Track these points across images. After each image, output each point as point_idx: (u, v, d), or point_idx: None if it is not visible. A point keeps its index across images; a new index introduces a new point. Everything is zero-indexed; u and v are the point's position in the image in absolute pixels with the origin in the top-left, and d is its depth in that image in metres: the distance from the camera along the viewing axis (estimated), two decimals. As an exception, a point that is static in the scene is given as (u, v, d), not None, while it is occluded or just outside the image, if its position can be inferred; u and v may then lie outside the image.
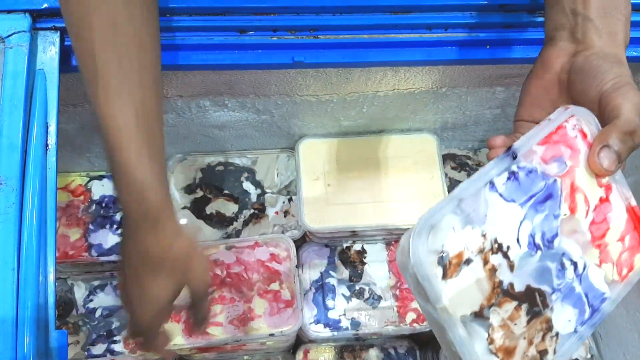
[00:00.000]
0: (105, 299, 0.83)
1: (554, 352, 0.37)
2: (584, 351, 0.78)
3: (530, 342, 0.37)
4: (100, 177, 0.83)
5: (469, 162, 0.87)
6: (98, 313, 0.82)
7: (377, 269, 0.82)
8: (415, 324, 0.79)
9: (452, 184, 0.85)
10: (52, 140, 0.49)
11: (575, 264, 0.39)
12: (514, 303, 0.36)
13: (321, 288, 0.80)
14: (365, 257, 0.82)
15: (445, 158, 0.86)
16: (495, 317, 0.36)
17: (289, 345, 0.86)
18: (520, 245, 0.37)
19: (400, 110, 0.74)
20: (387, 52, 0.57)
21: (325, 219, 0.75)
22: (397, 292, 0.81)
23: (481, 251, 0.36)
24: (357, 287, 0.81)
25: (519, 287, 0.36)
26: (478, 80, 0.68)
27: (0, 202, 0.45)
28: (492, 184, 0.37)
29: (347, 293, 0.80)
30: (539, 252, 0.37)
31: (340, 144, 0.79)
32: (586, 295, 0.39)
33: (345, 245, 0.83)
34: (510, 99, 0.74)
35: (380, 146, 0.79)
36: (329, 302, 0.79)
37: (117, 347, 0.80)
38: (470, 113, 0.77)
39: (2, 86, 0.48)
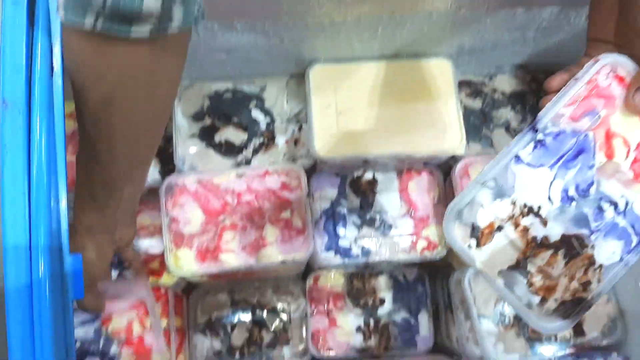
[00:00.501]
0: (116, 227, 0.83)
1: (599, 281, 0.41)
2: (595, 278, 0.78)
3: (572, 278, 0.41)
4: (106, 104, 0.81)
5: (485, 89, 0.85)
6: (109, 240, 0.82)
7: (388, 198, 0.81)
8: (425, 252, 0.79)
9: (467, 112, 0.83)
10: (57, 63, 0.47)
11: (615, 204, 0.41)
12: (550, 251, 0.40)
13: (332, 216, 0.80)
14: (376, 186, 0.82)
15: (461, 85, 0.84)
16: (532, 266, 0.41)
17: (299, 271, 0.87)
18: (552, 202, 0.41)
19: (416, 33, 0.71)
20: (405, -32, 0.54)
21: (336, 147, 0.74)
22: (409, 220, 0.80)
23: (511, 217, 0.41)
24: (367, 216, 0.80)
25: (554, 238, 0.40)
26: (499, 1, 0.64)
27: (6, 125, 0.44)
28: (517, 157, 0.40)
29: (358, 221, 0.80)
30: (574, 203, 0.41)
31: (353, 70, 0.76)
32: (632, 227, 0.41)
33: (356, 174, 0.82)
34: (530, 22, 0.71)
35: (394, 72, 0.77)
36: (340, 231, 0.79)
37: (129, 274, 0.80)
38: (489, 37, 0.74)
39: (3, 7, 0.46)
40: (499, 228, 0.41)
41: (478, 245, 0.41)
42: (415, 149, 0.74)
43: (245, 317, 0.87)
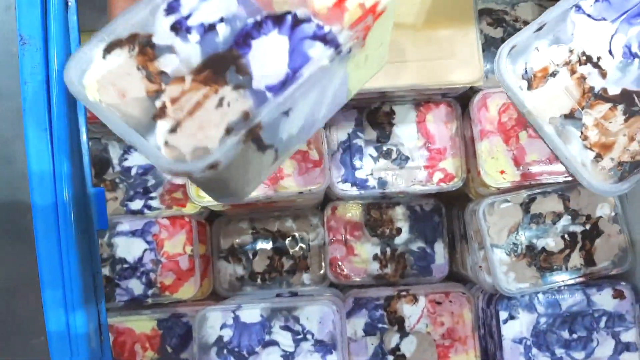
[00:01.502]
0: (139, 158, 0.85)
1: None
2: (609, 209, 0.78)
3: (632, 139, 0.39)
4: (125, 37, 0.81)
5: (507, 17, 0.82)
6: (134, 171, 0.85)
7: (405, 130, 0.82)
8: (442, 183, 0.80)
9: (487, 41, 0.81)
10: (71, -3, 0.48)
11: None
12: (608, 105, 0.39)
13: (349, 149, 0.81)
14: (393, 118, 0.82)
15: (481, 13, 0.82)
16: (588, 118, 0.39)
17: (317, 202, 0.89)
18: (613, 56, 0.38)
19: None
20: None
21: (354, 78, 0.74)
22: (425, 152, 0.81)
23: (567, 63, 0.39)
24: (384, 148, 0.81)
25: (613, 91, 0.39)
26: None
27: (25, 62, 0.45)
28: (578, 7, 0.38)
29: (375, 153, 0.81)
30: (637, 60, 0.39)
31: None
32: None
33: (373, 106, 0.82)
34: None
35: (412, 1, 0.75)
36: (357, 162, 0.80)
37: (154, 203, 0.83)
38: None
39: (13, -60, 0.46)
40: (554, 74, 0.39)
41: (529, 87, 0.39)
42: (432, 81, 0.73)
43: (266, 244, 0.90)
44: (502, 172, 0.78)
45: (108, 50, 0.38)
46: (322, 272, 0.89)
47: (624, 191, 0.39)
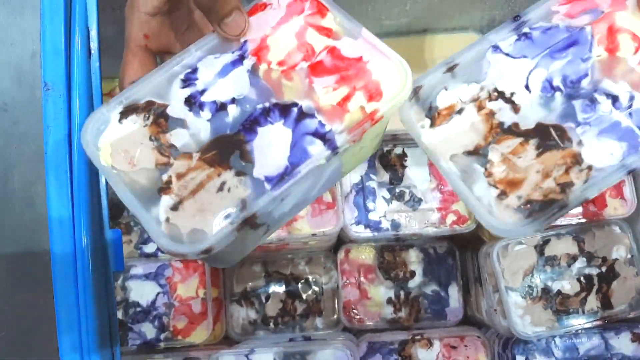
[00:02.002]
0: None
1: (584, 183, 0.35)
2: (624, 251, 0.78)
3: (547, 175, 0.35)
4: (142, 83, 0.83)
5: (516, 62, 0.84)
6: (148, 214, 0.85)
7: (417, 172, 0.82)
8: (455, 226, 0.80)
9: (497, 85, 0.82)
10: (94, 45, 0.50)
11: (615, 98, 0.36)
12: (518, 139, 0.36)
13: (362, 191, 0.81)
14: (405, 160, 0.83)
15: (491, 58, 0.83)
16: (494, 154, 0.36)
17: (331, 244, 0.88)
18: (530, 90, 0.37)
19: (445, 7, 0.71)
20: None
21: (366, 122, 0.75)
22: (438, 194, 0.81)
23: (475, 100, 0.37)
24: (397, 190, 0.81)
25: (525, 126, 0.36)
26: (529, -28, 0.64)
27: (49, 107, 0.46)
28: (495, 47, 0.37)
29: (388, 195, 0.81)
30: (559, 94, 0.37)
31: (382, 45, 0.77)
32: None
33: (385, 149, 0.83)
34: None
35: (423, 46, 0.77)
36: (370, 204, 0.81)
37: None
38: (519, 9, 0.73)
39: (41, -8, 0.48)
40: (460, 111, 0.37)
41: (432, 125, 0.37)
42: (444, 124, 0.74)
43: (279, 288, 0.90)
44: (515, 214, 0.77)
45: (125, 114, 0.39)
46: (335, 316, 0.89)
47: (530, 233, 0.35)
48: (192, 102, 0.39)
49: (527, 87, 0.36)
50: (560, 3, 0.37)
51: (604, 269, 0.77)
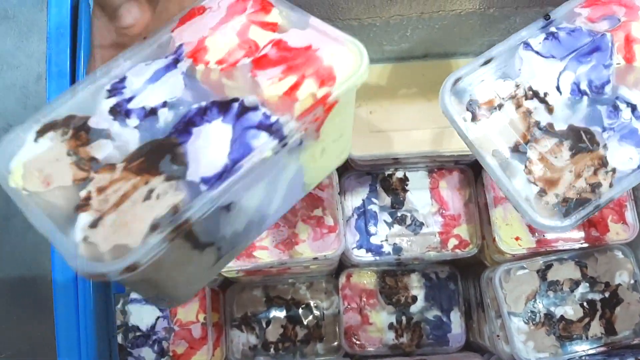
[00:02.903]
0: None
1: (610, 186, 0.38)
2: (627, 276, 0.77)
3: (579, 175, 0.38)
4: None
5: (516, 87, 0.84)
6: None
7: (419, 196, 0.82)
8: (457, 250, 0.80)
9: (497, 110, 0.83)
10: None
11: (634, 107, 0.38)
12: (554, 140, 0.38)
13: (363, 214, 0.81)
14: (407, 185, 0.83)
15: (491, 83, 0.84)
16: (533, 152, 0.38)
17: (332, 269, 0.88)
18: (561, 92, 0.38)
19: (445, 33, 0.72)
20: (432, -29, 0.55)
21: (367, 146, 0.75)
22: (439, 218, 0.81)
23: (513, 97, 0.38)
24: (398, 214, 0.81)
25: (559, 127, 0.38)
26: (528, -1, 0.65)
27: (53, 129, 0.47)
28: (526, 44, 0.38)
29: (389, 219, 0.81)
30: (585, 98, 0.38)
31: (383, 70, 0.78)
32: None
33: (387, 172, 0.83)
34: (562, 19, 0.70)
35: (424, 72, 0.78)
36: (371, 228, 0.81)
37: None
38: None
39: (48, 14, 0.48)
40: (499, 107, 0.38)
41: (473, 119, 0.38)
42: (445, 148, 0.75)
43: (280, 313, 0.89)
44: (517, 238, 0.77)
45: (41, 132, 0.35)
46: (336, 342, 0.88)
47: (568, 229, 0.37)
48: (117, 111, 0.35)
49: (558, 88, 0.38)
50: (582, 5, 0.39)
51: (607, 294, 0.76)
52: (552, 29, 0.38)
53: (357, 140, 0.75)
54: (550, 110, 0.38)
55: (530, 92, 0.38)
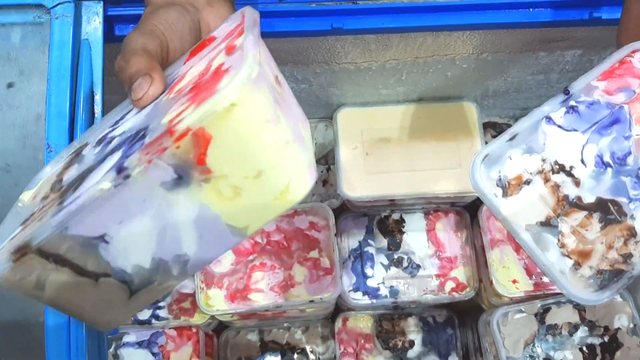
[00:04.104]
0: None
1: None
2: (627, 320, 0.76)
3: (610, 247, 0.38)
4: (142, 148, 0.84)
5: (510, 130, 0.85)
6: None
7: (415, 238, 0.82)
8: (454, 293, 0.79)
9: (492, 153, 0.84)
10: (98, 109, 0.51)
11: None
12: (583, 213, 0.38)
13: (360, 257, 0.81)
14: (403, 226, 0.83)
15: (486, 126, 0.85)
16: (564, 225, 0.38)
17: (328, 312, 0.87)
18: (586, 165, 0.39)
19: (439, 77, 0.73)
20: (427, 16, 0.57)
21: (364, 188, 0.75)
22: (436, 261, 0.81)
23: (541, 172, 0.39)
24: (395, 256, 0.81)
25: (588, 200, 0.39)
26: (520, 44, 0.66)
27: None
28: (549, 118, 0.39)
29: (386, 262, 0.81)
30: (610, 170, 0.39)
31: (379, 113, 0.79)
32: None
33: (383, 214, 0.83)
34: (554, 64, 0.72)
35: (419, 114, 0.79)
36: (368, 271, 0.80)
37: (162, 313, 0.82)
38: (512, 80, 0.75)
39: (49, 56, 0.49)
40: (528, 182, 0.39)
41: (504, 195, 0.39)
42: (441, 190, 0.75)
43: (275, 358, 0.87)
44: (514, 281, 0.77)
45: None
46: (332, 388, 0.86)
47: (605, 300, 0.38)
48: (101, 140, 0.36)
49: (582, 161, 0.39)
50: (598, 79, 0.40)
51: (606, 338, 0.76)
52: (572, 102, 0.39)
53: (354, 182, 0.75)
54: (577, 183, 0.39)
55: (557, 166, 0.39)
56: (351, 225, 0.82)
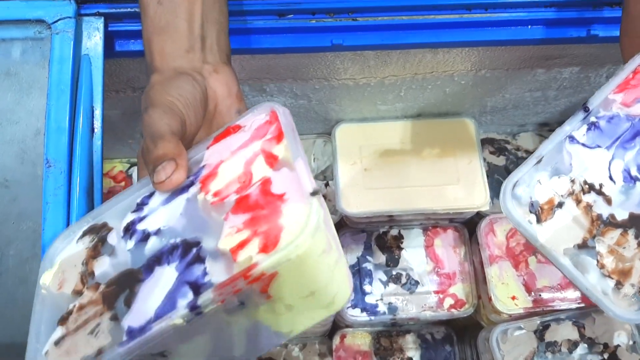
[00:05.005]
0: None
1: None
2: (626, 337, 0.76)
3: None
4: (140, 164, 0.84)
5: (508, 146, 0.86)
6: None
7: (414, 254, 0.82)
8: (453, 310, 0.79)
9: (491, 169, 0.84)
10: (97, 124, 0.51)
11: None
12: (618, 230, 0.38)
13: (358, 273, 0.80)
14: (402, 242, 0.82)
15: (484, 142, 0.85)
16: (601, 245, 0.38)
17: (326, 329, 0.86)
18: (615, 181, 0.38)
19: (438, 93, 0.73)
20: (426, 33, 0.57)
21: (362, 203, 0.75)
22: (435, 277, 0.80)
23: (571, 193, 0.38)
24: (394, 272, 0.81)
25: (621, 217, 0.38)
26: (518, 61, 0.66)
27: (49, 184, 0.46)
28: (571, 137, 0.39)
29: (384, 278, 0.80)
30: (638, 183, 0.39)
31: (377, 129, 0.79)
32: None
33: (382, 230, 0.83)
34: (552, 81, 0.72)
35: (417, 130, 0.79)
36: (366, 287, 0.80)
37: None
38: (510, 96, 0.76)
39: (49, 71, 0.49)
40: (560, 204, 0.38)
41: (538, 221, 0.38)
42: (440, 206, 0.75)
43: (272, 376, 0.87)
44: (513, 297, 0.77)
45: (85, 233, 0.38)
46: (329, 406, 0.85)
47: None
48: (128, 229, 0.37)
49: (611, 178, 0.39)
50: (615, 91, 0.40)
51: (606, 355, 0.75)
52: (592, 119, 0.39)
53: (352, 198, 0.75)
54: (608, 201, 0.38)
55: (587, 186, 0.39)
56: (349, 241, 0.82)
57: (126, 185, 0.83)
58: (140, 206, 0.38)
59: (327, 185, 0.82)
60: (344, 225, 0.82)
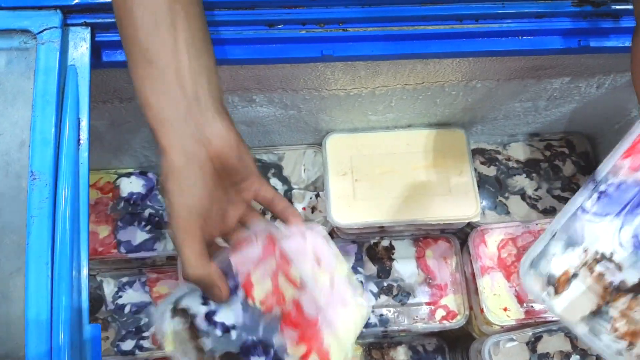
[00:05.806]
0: (134, 296, 0.83)
1: None
2: None
3: None
4: (128, 175, 0.83)
5: (499, 156, 0.86)
6: (127, 309, 0.82)
7: (405, 266, 0.81)
8: (444, 321, 0.78)
9: (482, 179, 0.83)
10: (84, 135, 0.50)
11: None
12: (629, 295, 0.40)
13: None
14: (393, 254, 0.82)
15: (474, 153, 0.85)
16: (614, 311, 0.40)
17: (316, 342, 0.86)
18: (624, 248, 0.40)
19: (429, 104, 0.73)
20: (416, 44, 0.56)
21: (353, 214, 0.75)
22: (427, 288, 0.80)
23: (585, 264, 0.41)
24: (385, 284, 0.80)
25: (632, 281, 0.40)
26: (509, 72, 0.66)
27: (34, 196, 0.45)
28: (582, 208, 0.41)
29: (375, 289, 0.80)
30: None
31: (368, 139, 0.78)
32: None
33: (372, 241, 0.82)
34: (542, 92, 0.72)
35: (408, 141, 0.78)
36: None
37: (146, 343, 0.80)
38: (501, 106, 0.75)
39: (34, 82, 0.48)
40: (574, 275, 0.41)
41: (556, 293, 0.41)
42: (430, 216, 0.74)
43: (262, 388, 0.86)
44: (505, 309, 0.76)
45: (174, 312, 0.47)
46: (321, 418, 0.84)
47: None
48: (210, 319, 0.46)
49: (621, 244, 0.40)
50: (623, 157, 0.41)
51: (598, 367, 0.75)
52: (602, 187, 0.41)
53: (343, 209, 0.74)
54: (619, 267, 0.40)
55: (598, 255, 0.40)
56: (340, 252, 0.81)
57: (113, 196, 0.81)
58: (205, 299, 0.47)
59: (317, 196, 0.82)
60: (334, 236, 0.82)
